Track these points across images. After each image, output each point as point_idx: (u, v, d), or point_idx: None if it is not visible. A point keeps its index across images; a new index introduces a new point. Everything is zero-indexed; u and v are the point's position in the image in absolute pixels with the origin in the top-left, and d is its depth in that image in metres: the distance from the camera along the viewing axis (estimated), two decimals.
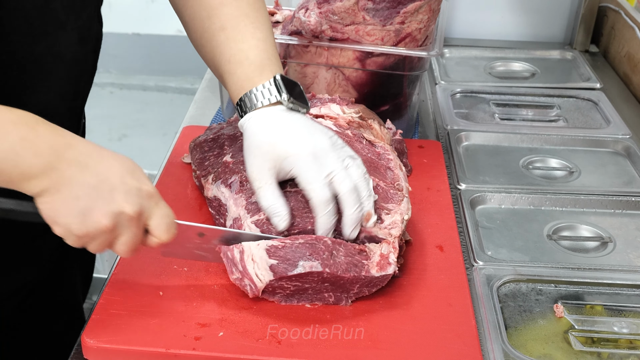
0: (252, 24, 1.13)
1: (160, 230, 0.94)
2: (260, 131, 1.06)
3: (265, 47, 1.12)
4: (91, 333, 0.97)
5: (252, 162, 1.06)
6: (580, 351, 1.04)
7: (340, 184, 1.02)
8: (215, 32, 1.13)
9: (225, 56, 1.12)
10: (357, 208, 1.03)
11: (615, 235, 1.29)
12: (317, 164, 1.03)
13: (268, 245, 1.01)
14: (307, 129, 1.06)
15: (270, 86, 1.08)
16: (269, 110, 1.07)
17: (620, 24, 1.97)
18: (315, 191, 1.02)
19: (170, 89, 4.37)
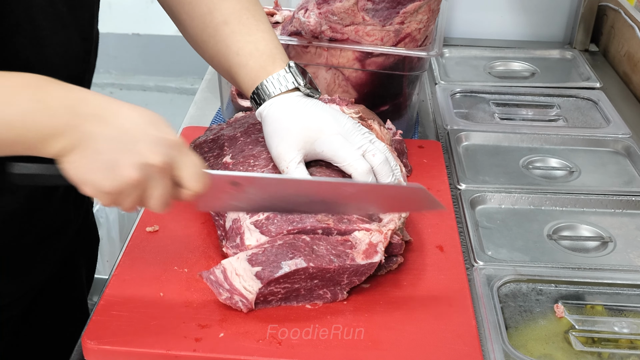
0: (253, 17, 1.15)
1: (191, 179, 0.90)
2: (283, 116, 1.09)
3: (271, 38, 1.15)
4: (92, 334, 0.97)
5: (278, 144, 1.09)
6: (580, 351, 1.04)
7: (374, 156, 1.09)
8: (218, 26, 1.14)
9: (233, 49, 1.13)
10: (392, 177, 1.11)
11: (615, 235, 1.29)
12: (347, 141, 1.08)
13: (248, 255, 1.01)
14: (329, 112, 1.11)
15: (286, 74, 1.11)
16: (287, 96, 1.10)
17: (620, 23, 1.97)
18: (354, 165, 1.08)
19: (170, 89, 4.37)
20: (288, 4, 1.71)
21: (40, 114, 0.83)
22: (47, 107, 0.84)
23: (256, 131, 1.24)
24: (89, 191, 0.87)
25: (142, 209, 1.25)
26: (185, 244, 1.14)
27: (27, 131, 0.83)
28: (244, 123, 1.28)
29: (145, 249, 1.13)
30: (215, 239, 1.16)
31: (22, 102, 0.83)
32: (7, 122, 0.82)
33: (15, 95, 0.83)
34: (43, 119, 0.83)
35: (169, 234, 1.17)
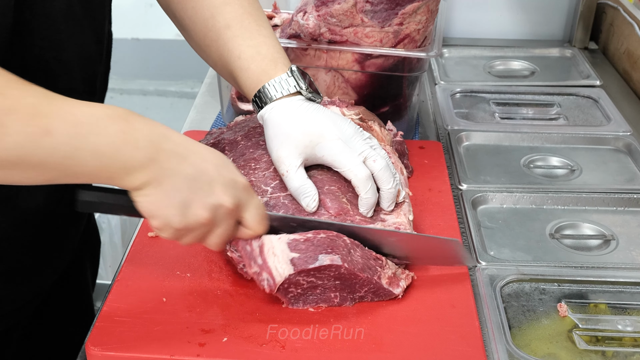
0: (255, 22, 1.15)
1: (255, 222, 0.97)
2: (284, 120, 1.09)
3: (272, 42, 1.15)
4: (95, 341, 0.97)
5: (278, 148, 1.08)
6: (584, 350, 1.04)
7: (375, 162, 1.08)
8: (220, 30, 1.14)
9: (235, 53, 1.13)
10: (392, 183, 1.09)
11: (617, 233, 1.29)
12: (348, 147, 1.08)
13: (290, 239, 1.01)
14: (330, 117, 1.10)
15: (288, 77, 1.11)
16: (289, 100, 1.10)
17: (619, 21, 1.97)
18: (354, 170, 1.07)
19: (170, 93, 4.37)
20: (287, 6, 1.71)
21: (126, 146, 0.86)
22: (133, 140, 0.86)
23: (257, 135, 1.24)
24: (157, 224, 0.90)
25: None
26: (187, 249, 1.14)
27: (114, 161, 0.85)
28: (245, 127, 1.28)
29: (147, 254, 1.13)
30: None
31: (111, 133, 0.85)
32: (96, 151, 0.84)
33: (104, 126, 0.85)
34: (128, 151, 0.86)
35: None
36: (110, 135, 0.85)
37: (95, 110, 0.86)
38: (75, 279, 1.37)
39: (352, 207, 1.09)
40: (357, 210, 1.09)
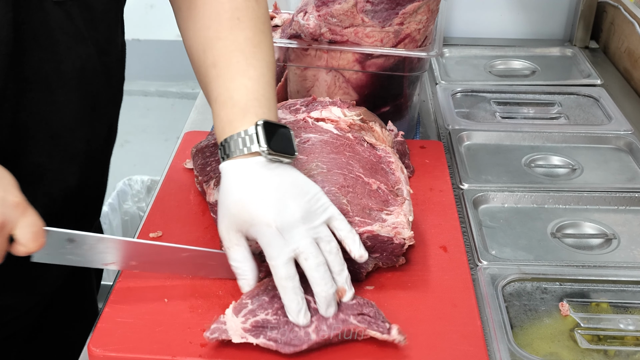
0: (245, 61, 1.07)
1: (27, 239, 0.91)
2: (232, 187, 1.00)
3: (255, 87, 1.05)
4: (97, 342, 0.97)
5: (221, 221, 1.01)
6: (586, 349, 1.04)
7: (306, 260, 0.96)
8: (208, 68, 1.08)
9: (213, 95, 1.07)
10: (326, 285, 0.96)
11: (619, 232, 1.29)
12: (281, 238, 0.96)
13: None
14: (280, 193, 0.98)
15: (251, 133, 1.00)
16: (245, 161, 1.00)
17: (619, 20, 1.97)
18: (277, 267, 0.96)
19: (171, 94, 4.38)
20: (287, 6, 1.71)
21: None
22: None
23: None
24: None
25: (145, 215, 1.25)
26: None
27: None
28: None
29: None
30: (217, 243, 1.16)
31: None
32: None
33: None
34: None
35: (172, 239, 1.17)
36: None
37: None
38: (80, 282, 1.37)
39: (352, 207, 1.09)
40: (356, 212, 1.08)
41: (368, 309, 0.98)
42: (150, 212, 1.24)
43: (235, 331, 0.95)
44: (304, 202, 0.98)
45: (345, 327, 0.95)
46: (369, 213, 1.10)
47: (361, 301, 0.99)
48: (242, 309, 0.98)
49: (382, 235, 1.06)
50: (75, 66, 1.04)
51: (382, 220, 1.09)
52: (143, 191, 2.64)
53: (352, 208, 1.09)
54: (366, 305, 0.99)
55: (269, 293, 1.00)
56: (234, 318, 0.97)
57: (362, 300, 0.99)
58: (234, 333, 0.95)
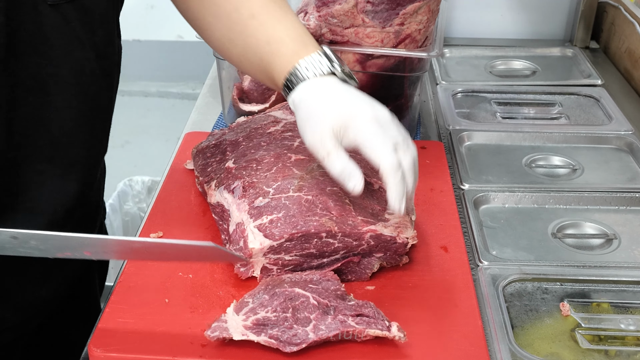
0: (280, 8, 1.12)
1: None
2: (318, 100, 1.03)
3: (300, 26, 1.11)
4: (98, 342, 0.97)
5: (313, 131, 1.02)
6: (587, 349, 1.04)
7: (404, 154, 1.00)
8: (246, 21, 1.11)
9: (262, 39, 1.10)
10: (414, 180, 1.03)
11: (620, 232, 1.28)
12: (382, 130, 1.00)
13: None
14: (366, 98, 1.04)
15: (320, 57, 1.06)
16: (322, 80, 1.05)
17: (620, 20, 1.97)
18: (386, 156, 0.98)
19: (171, 94, 4.38)
20: None
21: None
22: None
23: (258, 135, 1.24)
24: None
25: (145, 216, 1.25)
26: None
27: None
28: (246, 128, 1.28)
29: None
30: (219, 243, 1.16)
31: None
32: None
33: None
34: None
35: (173, 239, 1.17)
36: None
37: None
38: (84, 284, 1.37)
39: (354, 207, 1.09)
40: (359, 211, 1.09)
41: (367, 309, 0.98)
42: (150, 212, 1.25)
43: (236, 329, 0.95)
44: (385, 108, 1.04)
45: (344, 328, 0.96)
46: (372, 213, 1.10)
47: (360, 302, 1.00)
48: (243, 307, 0.99)
49: (385, 234, 1.07)
50: (74, 71, 1.04)
51: (384, 220, 1.09)
52: (144, 192, 2.64)
53: (354, 207, 1.09)
54: (364, 306, 0.99)
55: (269, 291, 1.01)
56: (235, 316, 0.97)
57: (360, 302, 1.00)
58: (235, 331, 0.95)
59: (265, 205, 1.08)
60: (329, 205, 1.08)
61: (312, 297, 0.99)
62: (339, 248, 1.07)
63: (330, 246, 1.06)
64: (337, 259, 1.08)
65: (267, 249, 1.05)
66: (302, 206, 1.07)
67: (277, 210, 1.07)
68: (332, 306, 0.98)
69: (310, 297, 0.98)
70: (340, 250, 1.07)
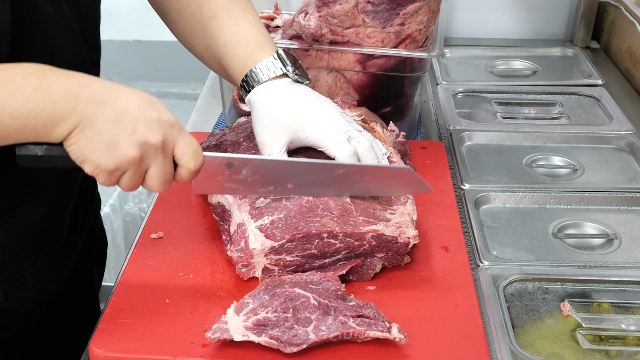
0: (241, 10, 1.17)
1: (187, 157, 0.96)
2: (270, 103, 1.10)
3: (258, 28, 1.16)
4: (98, 342, 0.97)
5: (263, 131, 1.10)
6: (588, 349, 1.04)
7: (359, 142, 1.09)
8: (207, 21, 1.16)
9: (221, 40, 1.15)
10: (376, 163, 1.10)
11: (620, 232, 1.28)
12: (332, 125, 1.09)
13: None
14: (316, 98, 1.12)
15: (274, 60, 1.12)
16: (275, 83, 1.12)
17: (620, 20, 1.97)
18: (338, 147, 1.08)
19: (172, 94, 4.37)
20: (288, 7, 1.71)
21: (42, 102, 0.87)
22: (49, 95, 0.87)
23: None
24: (89, 169, 0.92)
25: (146, 216, 1.25)
26: (190, 250, 1.14)
27: (33, 119, 0.87)
28: (247, 128, 1.28)
29: (150, 256, 1.13)
30: (220, 244, 1.16)
31: (26, 91, 0.86)
32: (12, 112, 0.86)
33: (19, 86, 0.87)
34: (46, 106, 0.87)
35: (173, 240, 1.17)
36: (26, 95, 0.86)
37: (9, 71, 0.88)
38: (82, 281, 1.37)
39: (355, 207, 1.09)
40: (360, 211, 1.09)
41: (367, 310, 0.98)
42: (151, 213, 1.25)
43: (237, 330, 0.95)
44: (335, 107, 1.13)
45: (344, 330, 0.95)
46: (373, 212, 1.10)
47: (360, 303, 0.99)
48: (243, 308, 0.98)
49: (386, 234, 1.07)
50: (68, 60, 1.05)
51: (386, 219, 1.09)
52: (144, 192, 2.64)
53: (355, 207, 1.09)
54: (365, 306, 0.99)
55: (270, 292, 1.00)
56: (235, 317, 0.97)
57: (361, 302, 1.00)
58: (236, 332, 0.95)
59: (267, 206, 1.08)
60: (329, 206, 1.07)
61: (312, 297, 0.99)
62: (341, 248, 1.07)
63: (331, 247, 1.06)
64: (339, 259, 1.08)
65: (268, 250, 1.05)
66: (303, 207, 1.07)
67: (279, 211, 1.07)
68: (333, 307, 0.98)
69: (310, 298, 0.98)
70: (342, 251, 1.07)
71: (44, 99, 0.87)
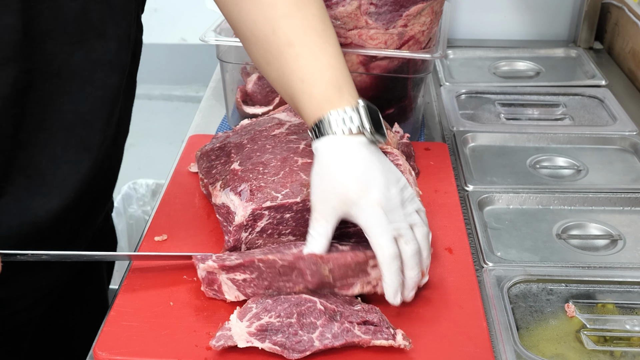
0: (320, 38, 1.06)
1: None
2: (335, 163, 1.01)
3: (338, 64, 1.06)
4: (103, 345, 0.97)
5: (319, 192, 1.02)
6: (592, 350, 1.04)
7: (406, 244, 0.99)
8: (282, 48, 1.06)
9: (297, 74, 1.05)
10: (417, 272, 1.01)
11: (624, 233, 1.28)
12: (385, 217, 0.98)
13: None
14: (383, 175, 1.00)
15: (352, 113, 1.02)
16: (348, 140, 1.01)
17: (623, 20, 1.97)
18: (383, 246, 0.98)
19: (175, 97, 4.37)
20: None
21: None
22: None
23: (263, 138, 1.23)
24: None
25: (150, 219, 1.25)
26: (193, 252, 1.14)
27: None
28: (250, 130, 1.28)
29: (154, 259, 1.13)
30: (221, 246, 1.16)
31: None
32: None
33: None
34: None
35: (177, 242, 1.17)
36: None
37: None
38: (92, 277, 1.38)
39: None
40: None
41: (372, 315, 0.98)
42: (155, 215, 1.25)
43: (241, 336, 0.95)
44: (400, 189, 1.02)
45: (350, 339, 0.95)
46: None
47: (365, 307, 0.99)
48: (246, 313, 0.98)
49: None
50: (90, 59, 1.05)
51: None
52: (148, 195, 2.64)
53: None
54: (370, 311, 0.98)
55: (273, 296, 1.00)
56: (238, 323, 0.97)
57: (366, 306, 0.99)
58: (240, 338, 0.95)
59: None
60: (307, 277, 1.04)
61: (319, 302, 0.98)
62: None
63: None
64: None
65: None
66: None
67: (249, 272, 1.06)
68: (339, 311, 0.98)
69: (317, 302, 0.98)
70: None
71: None
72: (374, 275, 1.02)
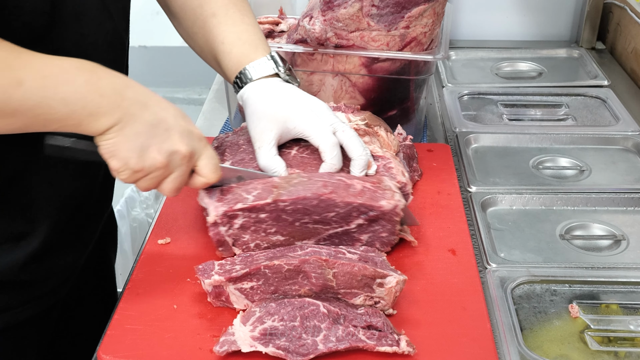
0: (239, 12, 1.24)
1: (208, 170, 1.04)
2: (261, 99, 1.17)
3: (254, 30, 1.24)
4: (107, 349, 0.97)
5: (255, 126, 1.17)
6: (596, 351, 1.04)
7: (343, 132, 1.15)
8: (207, 18, 1.23)
9: (219, 38, 1.22)
10: (364, 150, 1.16)
11: (628, 233, 1.28)
12: (318, 117, 1.16)
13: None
14: (304, 95, 1.19)
15: (267, 61, 1.20)
16: (266, 81, 1.19)
17: (626, 20, 1.97)
18: (322, 137, 1.14)
19: (178, 100, 4.38)
20: (293, 12, 1.71)
21: (91, 94, 0.93)
22: (97, 88, 0.94)
23: None
24: (116, 165, 0.97)
25: (153, 222, 1.25)
26: (197, 256, 1.14)
27: (80, 108, 0.93)
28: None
29: (157, 262, 1.14)
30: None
31: (77, 82, 0.93)
32: (63, 99, 0.92)
33: (71, 76, 0.93)
34: (94, 98, 0.93)
35: (180, 245, 1.17)
36: (76, 85, 0.93)
37: (63, 63, 0.94)
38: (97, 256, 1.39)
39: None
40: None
41: (376, 319, 0.98)
42: (158, 218, 1.25)
43: (244, 340, 0.95)
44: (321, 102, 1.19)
45: (354, 344, 0.95)
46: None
47: (369, 311, 0.99)
48: (250, 317, 0.98)
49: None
50: (107, 42, 1.12)
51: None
52: (151, 197, 2.64)
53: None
54: (374, 315, 0.98)
55: (276, 299, 1.00)
56: (242, 327, 0.97)
57: (370, 310, 0.99)
58: (243, 343, 0.95)
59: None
60: (310, 276, 1.04)
61: (322, 305, 0.98)
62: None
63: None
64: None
65: None
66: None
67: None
68: (343, 315, 0.98)
69: (320, 305, 0.98)
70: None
71: (92, 91, 0.93)
72: (378, 294, 1.02)
